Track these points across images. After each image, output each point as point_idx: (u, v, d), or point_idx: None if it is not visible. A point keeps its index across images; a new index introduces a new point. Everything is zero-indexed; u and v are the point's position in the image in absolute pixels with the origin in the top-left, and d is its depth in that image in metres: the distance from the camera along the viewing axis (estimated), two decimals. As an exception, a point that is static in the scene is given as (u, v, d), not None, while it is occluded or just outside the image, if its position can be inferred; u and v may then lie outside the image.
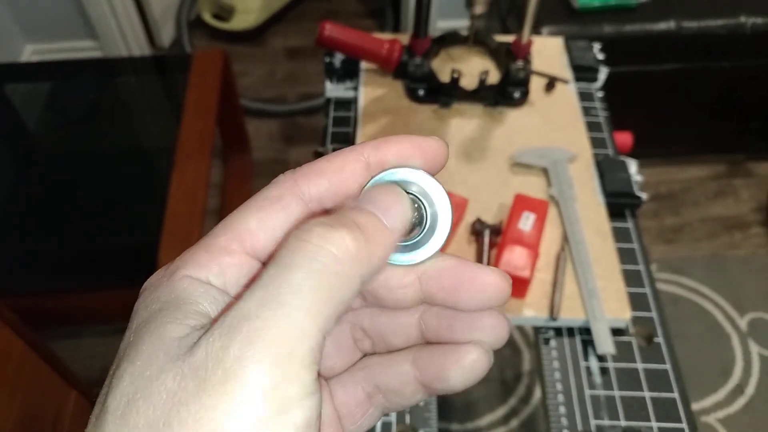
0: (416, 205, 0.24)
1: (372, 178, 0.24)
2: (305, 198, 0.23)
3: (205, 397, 0.17)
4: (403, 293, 0.25)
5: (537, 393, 1.48)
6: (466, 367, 0.24)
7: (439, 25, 2.19)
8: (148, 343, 0.19)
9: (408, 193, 0.24)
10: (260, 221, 0.22)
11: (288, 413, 0.18)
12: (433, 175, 0.24)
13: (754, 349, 1.56)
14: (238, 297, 0.20)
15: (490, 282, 0.24)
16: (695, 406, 1.47)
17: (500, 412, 1.45)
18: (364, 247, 0.20)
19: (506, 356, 1.54)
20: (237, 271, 0.22)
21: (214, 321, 0.19)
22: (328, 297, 0.19)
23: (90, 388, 1.15)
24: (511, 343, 1.56)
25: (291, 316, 0.18)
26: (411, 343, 0.26)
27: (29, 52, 2.18)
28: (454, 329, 0.24)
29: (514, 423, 1.44)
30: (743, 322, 1.60)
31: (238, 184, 1.76)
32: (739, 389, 1.50)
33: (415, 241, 0.24)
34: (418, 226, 0.24)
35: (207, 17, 2.29)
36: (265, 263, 0.23)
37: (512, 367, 1.52)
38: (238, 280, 0.22)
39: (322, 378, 0.26)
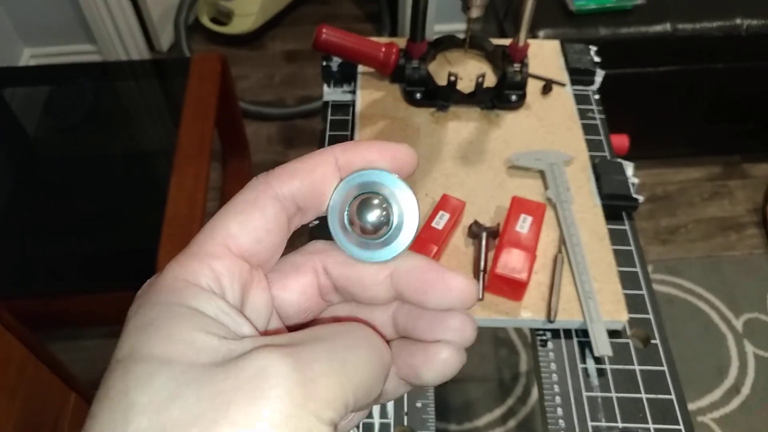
0: (384, 205, 0.25)
1: (342, 178, 0.25)
2: (279, 198, 0.24)
3: (254, 402, 0.18)
4: (375, 291, 0.25)
5: (534, 393, 1.48)
6: (437, 366, 0.25)
7: (436, 28, 2.20)
8: (181, 349, 0.19)
9: (375, 193, 0.25)
10: (240, 224, 0.23)
11: None
12: (401, 177, 0.25)
13: (750, 349, 1.57)
14: (266, 334, 0.22)
15: (454, 286, 0.24)
16: (691, 406, 1.47)
17: (498, 412, 1.46)
18: (387, 371, 0.23)
19: (503, 357, 1.55)
20: (229, 273, 0.23)
21: (270, 341, 0.20)
22: (368, 387, 0.21)
23: (90, 391, 1.16)
24: (508, 344, 1.57)
25: (345, 384, 0.20)
26: (387, 338, 0.27)
27: (27, 56, 2.19)
28: (418, 328, 0.26)
29: (512, 423, 1.44)
30: (739, 323, 1.61)
31: (237, 187, 1.72)
32: (734, 389, 1.51)
33: (383, 239, 0.25)
34: (385, 225, 0.25)
35: (205, 21, 2.30)
36: (251, 263, 0.24)
37: (509, 367, 1.53)
38: (232, 283, 0.23)
39: None
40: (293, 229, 0.26)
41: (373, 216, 0.24)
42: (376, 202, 0.25)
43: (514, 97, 0.89)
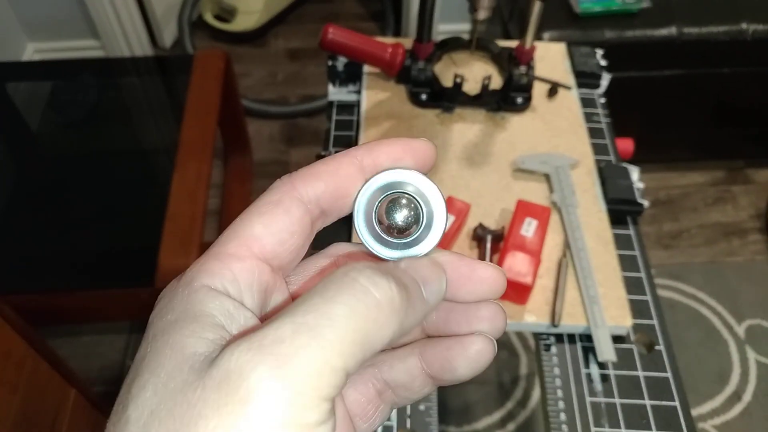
0: (412, 204, 0.25)
1: (368, 179, 0.25)
2: (304, 200, 0.24)
3: (225, 412, 0.17)
4: None
5: (534, 397, 1.48)
6: (471, 357, 0.25)
7: (441, 28, 2.19)
8: (170, 356, 0.19)
9: (404, 193, 0.25)
10: (265, 226, 0.23)
11: None
12: (426, 174, 0.25)
13: (752, 355, 1.56)
14: (267, 317, 0.21)
15: (487, 276, 0.25)
16: (692, 413, 1.47)
17: (497, 415, 1.45)
18: (406, 304, 0.21)
19: (503, 359, 1.54)
20: (249, 275, 0.23)
21: (241, 335, 0.19)
22: (362, 340, 0.19)
23: (89, 386, 1.15)
24: (508, 347, 1.56)
25: (324, 350, 0.18)
26: (414, 338, 0.27)
27: (31, 51, 2.18)
28: (452, 322, 0.25)
29: (511, 426, 1.44)
30: (741, 329, 1.61)
31: (239, 185, 1.76)
32: (736, 396, 1.50)
33: (413, 238, 0.25)
34: (415, 224, 0.25)
35: (209, 18, 2.30)
36: (273, 267, 0.24)
37: (509, 370, 1.53)
38: (252, 286, 0.23)
39: None
40: (316, 231, 0.25)
41: (402, 216, 0.24)
42: (404, 201, 0.24)
43: (519, 100, 0.89)
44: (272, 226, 0.23)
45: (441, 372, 0.25)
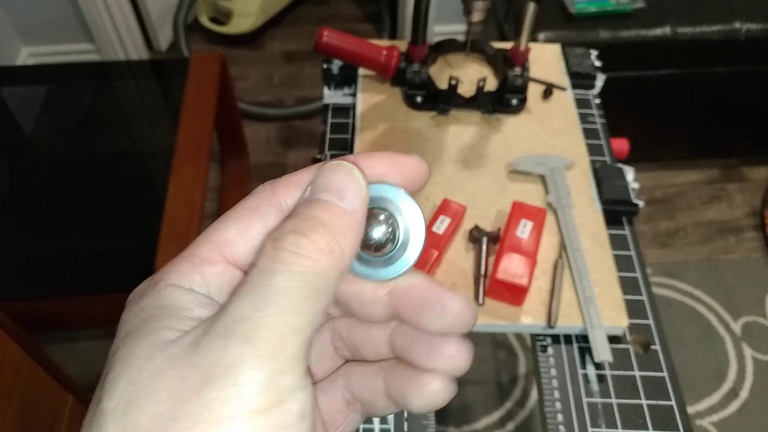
0: (390, 221, 0.24)
1: None
2: (282, 207, 0.24)
3: (207, 392, 0.18)
4: (373, 308, 0.25)
5: (533, 396, 1.48)
6: (425, 396, 0.24)
7: (436, 29, 2.20)
8: (142, 347, 0.20)
9: (381, 209, 0.24)
10: (239, 231, 0.23)
11: (284, 404, 0.19)
12: (409, 192, 0.24)
13: (748, 352, 1.57)
14: (226, 302, 0.21)
15: (451, 307, 0.24)
16: (689, 410, 1.47)
17: (496, 415, 1.46)
18: (334, 243, 0.21)
19: (502, 359, 1.54)
20: (219, 279, 0.23)
21: (210, 321, 0.20)
22: (312, 293, 0.20)
23: (86, 392, 1.15)
24: (506, 347, 1.57)
25: (281, 315, 0.19)
26: (382, 357, 0.26)
27: (26, 55, 2.18)
28: (413, 352, 0.24)
29: (510, 426, 1.44)
30: (737, 326, 1.61)
31: (236, 187, 1.76)
32: (733, 393, 1.51)
33: (388, 256, 0.24)
34: (391, 242, 0.24)
35: (204, 21, 2.29)
36: (246, 271, 0.24)
37: (508, 370, 1.53)
38: (221, 289, 0.23)
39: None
40: None
41: (378, 233, 0.24)
42: (382, 218, 0.24)
43: (514, 101, 0.89)
44: (246, 232, 0.23)
45: (398, 401, 0.25)
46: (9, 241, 1.29)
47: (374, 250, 0.24)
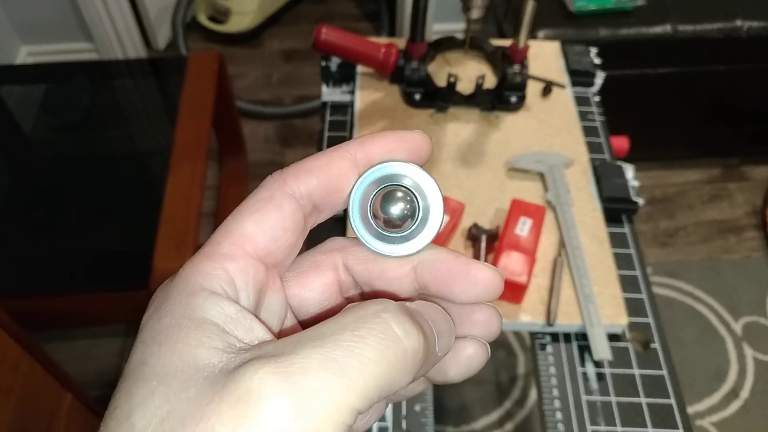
0: (408, 198, 0.24)
1: (363, 172, 0.24)
2: (296, 195, 0.24)
3: (240, 429, 0.17)
4: (399, 284, 0.25)
5: (532, 396, 1.48)
6: (462, 361, 0.25)
7: (436, 28, 2.19)
8: (180, 366, 0.19)
9: (399, 185, 0.24)
10: (256, 223, 0.23)
11: None
12: (422, 167, 0.24)
13: (749, 352, 1.56)
14: (282, 333, 0.21)
15: (481, 277, 0.24)
16: (689, 410, 1.47)
17: (495, 415, 1.45)
18: (425, 357, 0.21)
19: (501, 359, 1.54)
20: (244, 275, 0.22)
21: (264, 354, 0.19)
22: (383, 386, 0.19)
23: (85, 390, 1.15)
24: (505, 346, 1.56)
25: (348, 390, 0.18)
26: None
27: (24, 54, 2.18)
28: None
29: (509, 426, 1.44)
30: (738, 326, 1.61)
31: (234, 186, 1.75)
32: (733, 393, 1.50)
33: (408, 232, 0.24)
34: (410, 218, 0.24)
35: (203, 19, 2.29)
36: (268, 264, 0.23)
37: (507, 369, 1.52)
38: (247, 285, 0.22)
39: None
40: (309, 228, 0.25)
41: (397, 209, 0.24)
42: (400, 194, 0.24)
43: (513, 99, 0.88)
44: (264, 223, 0.23)
45: (433, 373, 0.25)
46: (7, 240, 1.29)
47: (395, 227, 0.24)
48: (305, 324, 0.25)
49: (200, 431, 0.17)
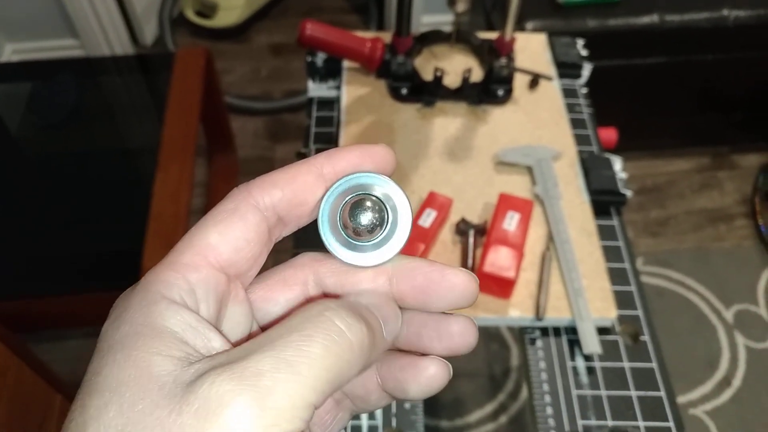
0: (377, 206, 0.24)
1: (333, 184, 0.25)
2: (260, 207, 0.24)
3: None
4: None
5: (526, 389, 1.48)
6: (423, 381, 0.25)
7: (424, 20, 2.18)
8: (134, 375, 0.19)
9: (368, 194, 0.24)
10: (220, 234, 0.23)
11: None
12: (388, 176, 0.25)
13: (740, 340, 1.57)
14: (237, 342, 0.21)
15: (458, 282, 0.24)
16: (682, 399, 1.48)
17: (489, 408, 1.45)
18: (372, 345, 0.22)
19: (494, 352, 1.54)
20: (205, 285, 0.23)
21: (219, 364, 0.19)
22: (334, 378, 0.20)
23: (75, 392, 1.14)
24: (499, 339, 1.56)
25: (301, 385, 0.19)
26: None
27: (9, 52, 2.15)
28: (423, 337, 0.25)
29: (503, 419, 1.44)
30: (729, 314, 1.61)
31: (224, 182, 1.74)
32: (726, 381, 1.51)
33: (378, 240, 0.25)
34: (379, 227, 0.24)
35: (190, 14, 2.27)
36: (230, 275, 0.24)
37: (501, 362, 1.53)
38: (208, 296, 0.22)
39: None
40: (274, 241, 0.25)
41: (366, 217, 0.24)
42: (368, 203, 0.24)
43: (500, 92, 0.88)
44: (228, 234, 0.23)
45: (393, 390, 0.26)
46: (-6, 241, 1.28)
47: (364, 236, 0.24)
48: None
49: None
